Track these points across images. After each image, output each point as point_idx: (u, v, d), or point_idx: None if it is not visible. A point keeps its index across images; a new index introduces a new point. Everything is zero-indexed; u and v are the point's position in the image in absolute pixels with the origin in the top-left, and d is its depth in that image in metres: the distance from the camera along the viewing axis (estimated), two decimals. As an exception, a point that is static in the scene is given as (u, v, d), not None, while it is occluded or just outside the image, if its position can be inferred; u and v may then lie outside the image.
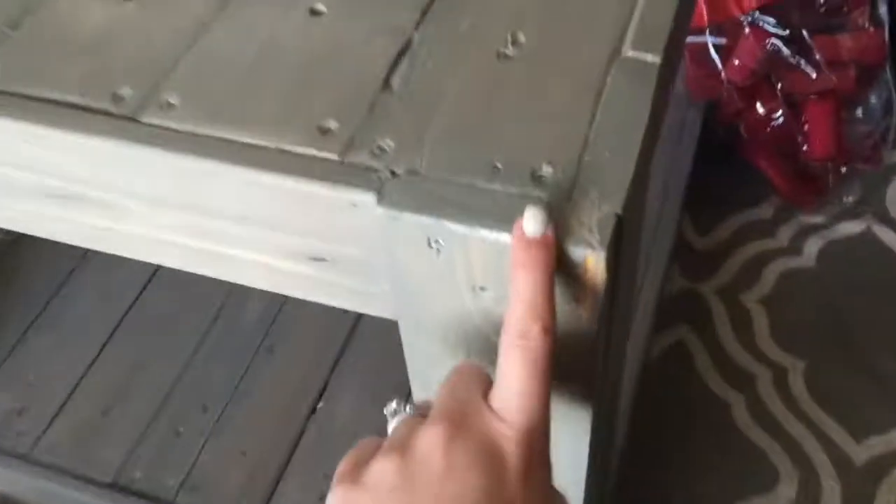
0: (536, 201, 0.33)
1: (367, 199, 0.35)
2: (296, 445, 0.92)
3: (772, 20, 1.05)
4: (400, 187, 0.35)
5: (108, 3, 0.43)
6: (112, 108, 0.39)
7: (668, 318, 1.10)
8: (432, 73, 0.39)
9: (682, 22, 0.41)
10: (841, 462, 0.97)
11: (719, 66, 1.09)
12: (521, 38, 0.40)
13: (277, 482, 0.89)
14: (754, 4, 1.05)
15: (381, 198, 0.35)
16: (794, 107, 1.09)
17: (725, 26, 1.09)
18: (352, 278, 0.40)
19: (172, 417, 0.94)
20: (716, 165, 1.20)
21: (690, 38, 1.13)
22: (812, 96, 1.07)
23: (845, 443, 0.99)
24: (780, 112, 1.08)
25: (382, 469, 0.33)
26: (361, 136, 0.37)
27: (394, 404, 0.38)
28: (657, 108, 0.37)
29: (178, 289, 1.04)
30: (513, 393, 0.33)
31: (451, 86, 0.38)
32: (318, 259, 0.39)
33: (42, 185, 0.42)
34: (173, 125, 0.38)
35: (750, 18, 1.06)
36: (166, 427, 0.93)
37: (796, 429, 1.00)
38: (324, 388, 0.95)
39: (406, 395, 0.41)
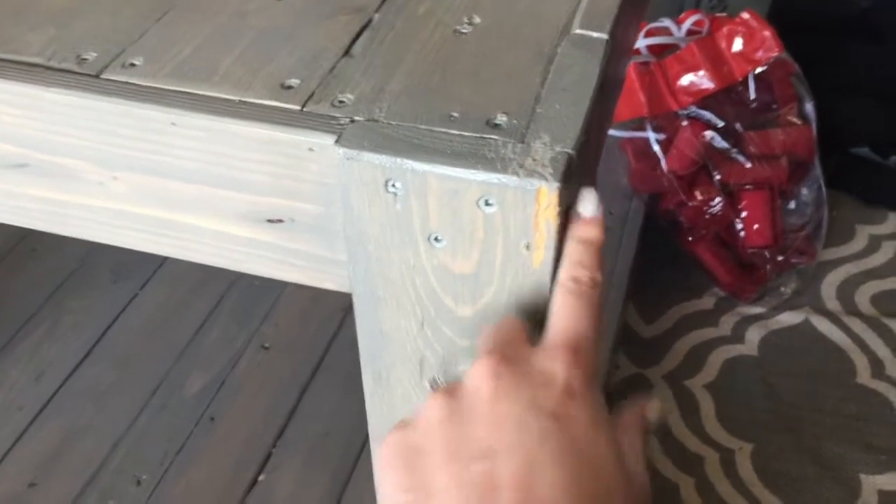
0: (591, 188, 0.36)
1: (325, 141, 0.36)
2: (233, 519, 0.88)
3: (707, 114, 1.11)
4: (359, 131, 0.36)
5: (78, -14, 0.44)
6: (75, 68, 0.39)
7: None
8: (391, 44, 0.41)
9: (629, 7, 0.43)
10: (791, 543, 0.96)
11: (661, 158, 1.14)
12: (476, 19, 0.42)
13: (212, 557, 0.85)
14: (690, 100, 1.11)
15: (340, 139, 0.36)
16: (731, 196, 1.14)
17: (664, 121, 1.14)
18: (308, 242, 0.40)
19: (103, 491, 0.90)
20: (658, 256, 1.24)
21: (632, 134, 1.19)
22: (748, 186, 1.12)
23: (794, 524, 0.98)
24: (717, 200, 1.13)
25: (431, 405, 0.33)
26: (322, 92, 0.38)
27: (433, 376, 0.39)
28: (605, 75, 0.39)
29: (117, 363, 1.01)
30: (563, 319, 0.34)
31: (409, 55, 0.40)
32: (274, 220, 0.40)
33: (-4, 153, 0.42)
34: (136, 81, 0.39)
35: (687, 112, 1.12)
36: (96, 501, 0.89)
37: (746, 510, 0.99)
38: (266, 461, 0.91)
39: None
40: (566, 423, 0.31)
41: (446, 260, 0.37)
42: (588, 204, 0.36)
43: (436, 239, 0.37)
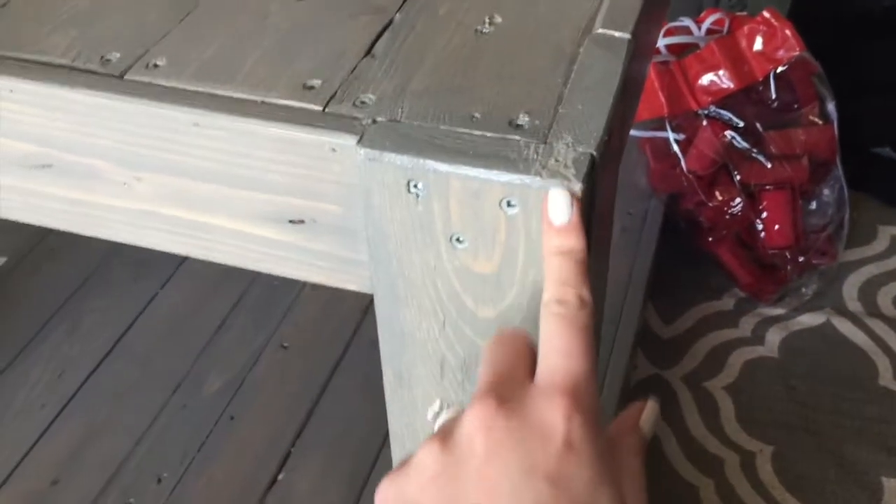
0: (558, 186, 0.33)
1: (347, 142, 0.36)
2: (253, 518, 0.88)
3: (727, 114, 1.11)
4: (381, 131, 0.36)
5: (101, -13, 0.45)
6: (99, 69, 0.40)
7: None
8: (413, 44, 0.41)
9: (652, 6, 0.43)
10: (812, 546, 0.95)
11: (680, 158, 1.14)
12: (498, 19, 0.42)
13: (232, 555, 0.85)
14: (710, 100, 1.11)
15: (362, 140, 0.36)
16: (752, 196, 1.13)
17: (684, 121, 1.14)
18: (329, 242, 0.40)
19: (125, 489, 0.90)
20: (678, 256, 1.23)
21: (652, 134, 1.18)
22: (768, 186, 1.11)
23: (815, 527, 0.97)
24: (738, 200, 1.12)
25: (425, 456, 0.32)
26: (344, 92, 0.38)
27: (437, 405, 0.38)
28: (627, 75, 0.39)
29: (138, 361, 1.02)
30: (557, 353, 0.32)
31: (430, 55, 0.40)
32: (296, 221, 0.40)
33: (12, 152, 0.42)
34: (159, 82, 0.39)
35: (707, 112, 1.11)
36: (117, 499, 0.89)
37: (766, 513, 0.98)
38: (285, 459, 0.92)
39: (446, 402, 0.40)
40: (564, 487, 0.30)
41: (468, 261, 0.37)
42: (558, 209, 0.33)
43: (457, 240, 0.37)
